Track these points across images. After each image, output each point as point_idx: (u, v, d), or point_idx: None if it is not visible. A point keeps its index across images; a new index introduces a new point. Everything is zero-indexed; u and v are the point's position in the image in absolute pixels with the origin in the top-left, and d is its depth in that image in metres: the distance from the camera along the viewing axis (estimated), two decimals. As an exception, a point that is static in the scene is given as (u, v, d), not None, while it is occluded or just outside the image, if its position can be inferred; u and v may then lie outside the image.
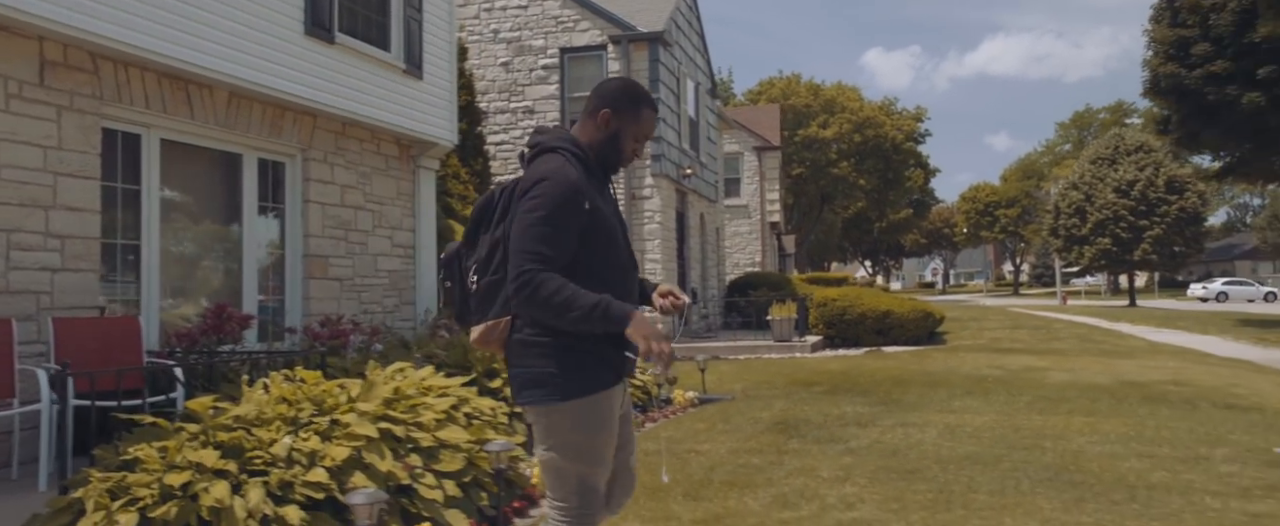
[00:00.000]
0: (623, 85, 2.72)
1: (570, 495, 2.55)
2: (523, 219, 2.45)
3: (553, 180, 2.46)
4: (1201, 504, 4.70)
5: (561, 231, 2.42)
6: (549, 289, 2.37)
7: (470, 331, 2.66)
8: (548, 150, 2.61)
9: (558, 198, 2.43)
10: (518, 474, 5.30)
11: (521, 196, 2.50)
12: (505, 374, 7.09)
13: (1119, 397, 8.67)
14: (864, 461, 5.84)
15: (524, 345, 2.53)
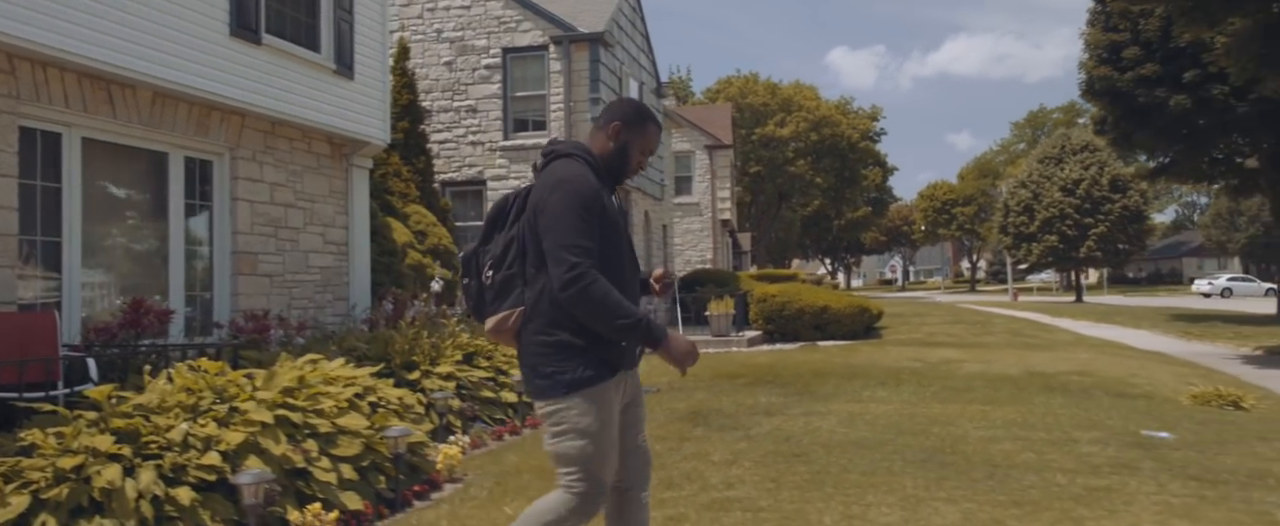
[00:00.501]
0: (633, 104, 3.00)
1: (577, 480, 2.77)
2: (554, 216, 2.64)
3: (575, 182, 2.68)
4: (1052, 480, 5.08)
5: (589, 225, 2.64)
6: (601, 290, 2.59)
7: (486, 322, 2.87)
8: (563, 156, 2.84)
9: (582, 196, 2.65)
10: (423, 459, 5.56)
11: (544, 195, 2.70)
12: (424, 366, 7.37)
13: (1021, 387, 9.11)
14: (758, 447, 6.17)
15: (533, 342, 2.76)
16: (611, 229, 2.75)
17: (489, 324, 2.85)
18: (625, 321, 2.60)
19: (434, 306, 8.44)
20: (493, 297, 2.84)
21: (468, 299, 2.99)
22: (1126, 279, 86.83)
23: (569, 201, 2.63)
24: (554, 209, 2.64)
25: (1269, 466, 5.49)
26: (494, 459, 6.13)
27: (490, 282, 2.84)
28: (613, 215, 2.77)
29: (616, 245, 2.77)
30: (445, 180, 16.32)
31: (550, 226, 2.63)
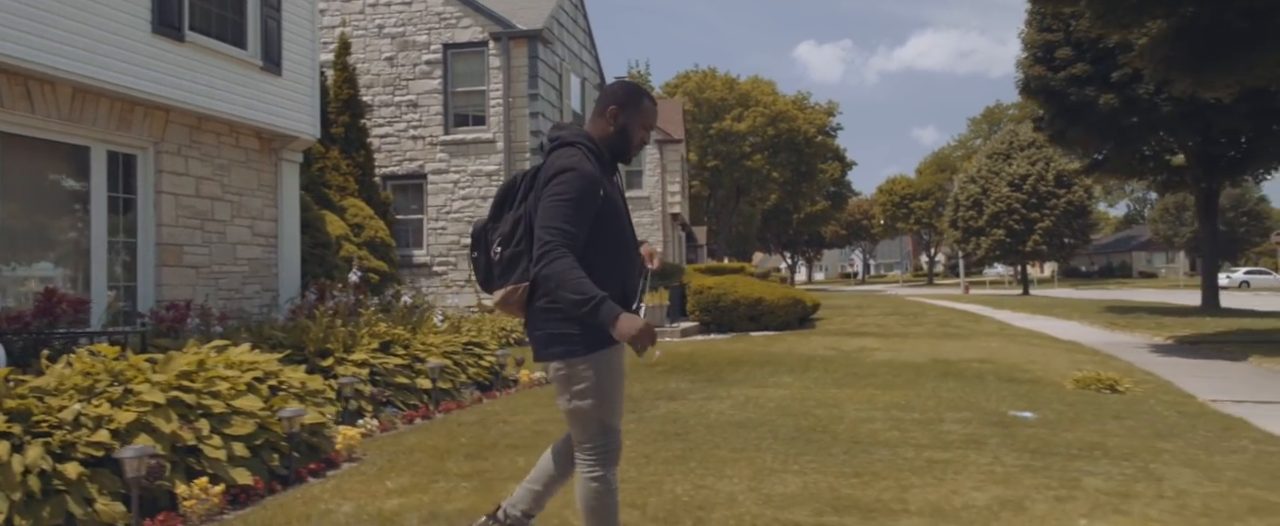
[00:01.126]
0: (626, 85, 3.22)
1: (594, 436, 3.01)
2: (550, 201, 2.87)
3: (577, 171, 2.90)
4: (901, 454, 5.52)
5: (582, 213, 2.87)
6: (562, 266, 2.79)
7: (493, 294, 3.12)
8: (567, 144, 3.05)
9: (580, 186, 2.88)
10: (323, 439, 5.88)
11: (546, 182, 2.93)
12: (338, 354, 7.66)
13: (921, 373, 9.60)
14: (646, 427, 6.56)
15: (543, 311, 2.98)
16: (610, 210, 2.99)
17: (497, 296, 3.10)
18: (579, 297, 2.78)
19: (353, 297, 8.70)
20: (500, 272, 3.08)
21: (476, 272, 3.23)
22: (1079, 273, 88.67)
23: (567, 191, 2.87)
24: (551, 195, 2.89)
25: (1105, 441, 5.99)
26: (397, 440, 6.46)
27: (499, 258, 3.08)
28: (612, 198, 3.01)
29: (617, 225, 3.02)
30: (387, 173, 16.54)
31: (545, 210, 2.88)
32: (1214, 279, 25.21)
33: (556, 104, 17.02)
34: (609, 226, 2.97)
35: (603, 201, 2.94)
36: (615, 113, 3.11)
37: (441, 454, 5.76)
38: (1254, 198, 71.87)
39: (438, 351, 8.78)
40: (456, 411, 7.90)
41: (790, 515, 4.23)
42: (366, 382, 7.46)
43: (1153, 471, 5.15)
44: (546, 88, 16.36)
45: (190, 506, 4.44)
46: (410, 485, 4.95)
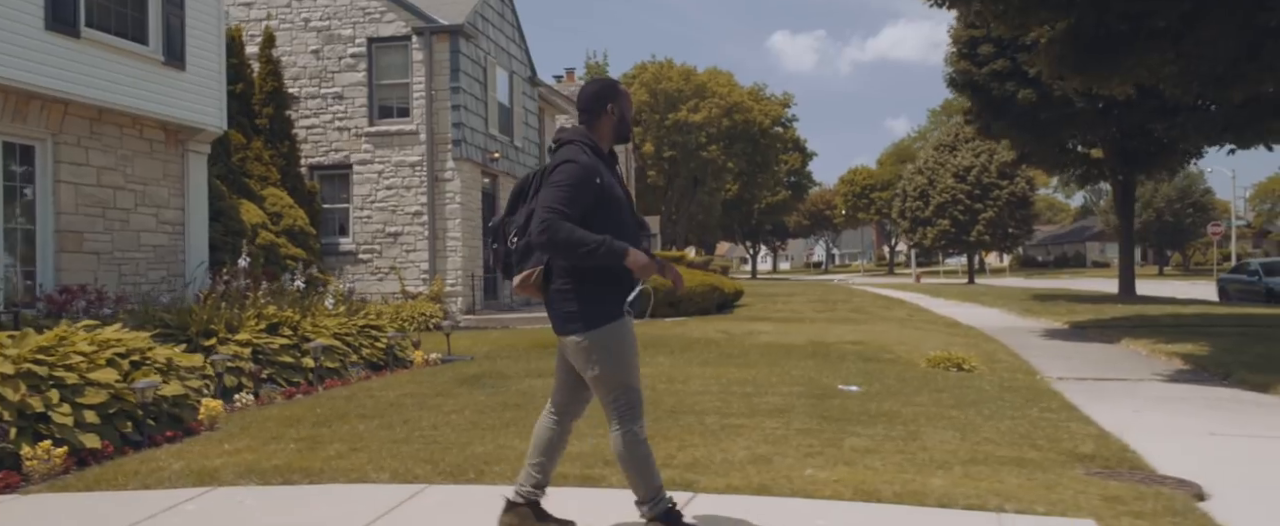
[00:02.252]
0: (604, 82, 3.66)
1: (618, 395, 3.38)
2: (547, 189, 3.25)
3: (573, 162, 3.30)
4: (705, 421, 6.13)
5: (578, 196, 3.23)
6: (563, 231, 3.16)
7: (513, 279, 3.50)
8: (567, 143, 3.46)
9: (576, 174, 3.27)
10: (185, 409, 6.39)
11: (548, 174, 3.33)
12: (222, 334, 8.16)
13: (789, 354, 10.26)
14: (493, 400, 7.14)
15: (557, 293, 3.36)
16: (609, 196, 3.35)
17: (516, 280, 3.48)
18: (590, 247, 3.17)
19: (242, 281, 9.19)
20: (517, 259, 3.46)
21: (496, 261, 3.60)
22: (1035, 262, 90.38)
23: (565, 180, 3.24)
24: (550, 183, 3.27)
25: (903, 409, 6.65)
26: (263, 412, 6.98)
27: (515, 247, 3.46)
28: (609, 185, 3.37)
29: (615, 209, 3.37)
30: (314, 164, 16.96)
31: (541, 197, 3.26)
32: (1130, 268, 26.17)
33: (481, 97, 17.52)
34: (607, 209, 3.33)
35: (600, 187, 3.30)
36: (611, 107, 3.53)
37: (292, 422, 6.31)
38: (1199, 190, 73.71)
39: (327, 333, 9.28)
40: (338, 388, 8.42)
41: (563, 469, 4.82)
42: (248, 361, 7.97)
43: (917, 433, 5.81)
44: (469, 81, 16.85)
45: (32, 466, 4.95)
46: (245, 447, 5.49)
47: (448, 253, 16.51)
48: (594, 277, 3.31)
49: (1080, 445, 5.80)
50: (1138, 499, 4.46)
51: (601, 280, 3.32)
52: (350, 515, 4.10)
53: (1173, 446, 6.28)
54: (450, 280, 16.47)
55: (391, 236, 16.73)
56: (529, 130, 20.60)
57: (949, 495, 4.31)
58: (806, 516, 4.05)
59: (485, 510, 4.17)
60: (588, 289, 3.31)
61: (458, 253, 16.49)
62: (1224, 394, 8.70)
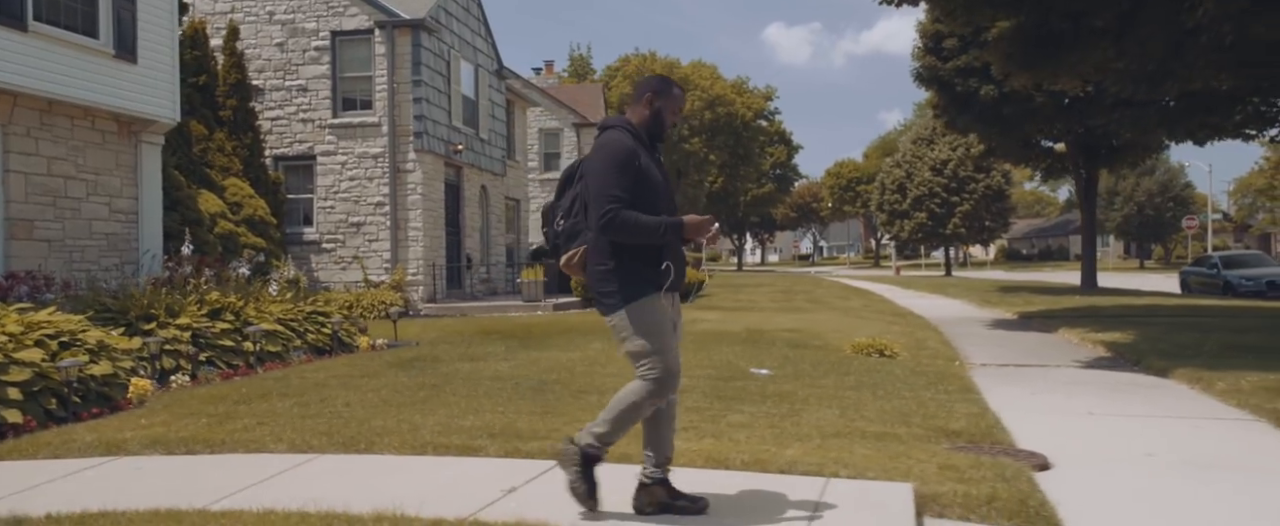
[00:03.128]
0: (659, 78, 3.81)
1: (652, 368, 3.54)
2: (596, 173, 3.48)
3: (612, 146, 3.52)
4: (604, 399, 6.47)
5: (624, 175, 3.45)
6: (628, 218, 3.41)
7: (560, 259, 3.73)
8: (609, 127, 3.68)
9: (617, 157, 3.48)
10: (114, 388, 6.72)
11: (590, 160, 3.56)
12: (162, 318, 8.48)
13: (721, 340, 10.62)
14: (417, 380, 7.49)
15: (595, 274, 3.59)
16: (648, 180, 3.53)
17: (562, 260, 3.72)
18: (651, 227, 3.45)
19: (187, 268, 9.51)
20: (564, 241, 3.69)
21: (547, 242, 3.87)
22: (1020, 256, 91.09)
23: (608, 162, 3.47)
24: (595, 168, 3.50)
25: (797, 391, 7.01)
26: (193, 392, 7.30)
27: (562, 229, 3.70)
28: (648, 168, 3.55)
29: (653, 193, 3.54)
30: (278, 155, 17.25)
31: (591, 182, 3.50)
32: (1093, 261, 26.62)
33: (443, 90, 17.82)
34: (645, 192, 3.51)
35: (640, 169, 3.51)
36: (650, 99, 3.69)
37: (215, 400, 6.65)
38: (1180, 184, 74.37)
39: (271, 318, 9.62)
40: (277, 370, 8.75)
41: (449, 439, 5.18)
42: (186, 344, 8.30)
43: (800, 411, 6.18)
44: (431, 74, 17.15)
45: (-48, 436, 5.29)
46: (159, 422, 5.84)
47: (409, 242, 16.83)
48: (628, 257, 3.53)
49: (953, 423, 6.18)
50: (974, 468, 4.83)
51: (635, 259, 3.53)
52: (237, 479, 4.44)
53: (1046, 424, 6.68)
54: (412, 269, 16.79)
55: (355, 226, 17.05)
56: (495, 122, 20.90)
57: (793, 463, 4.67)
58: (650, 480, 4.41)
59: (364, 475, 4.53)
60: (623, 269, 3.53)
61: (419, 242, 16.81)
62: (1126, 378, 9.10)
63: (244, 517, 3.64)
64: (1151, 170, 76.27)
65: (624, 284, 3.52)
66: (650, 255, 3.54)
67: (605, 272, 3.56)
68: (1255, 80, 12.88)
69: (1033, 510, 4.27)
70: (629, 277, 3.52)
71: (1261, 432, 6.41)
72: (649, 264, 3.53)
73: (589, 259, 3.61)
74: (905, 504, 4.06)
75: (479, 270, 19.65)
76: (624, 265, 3.52)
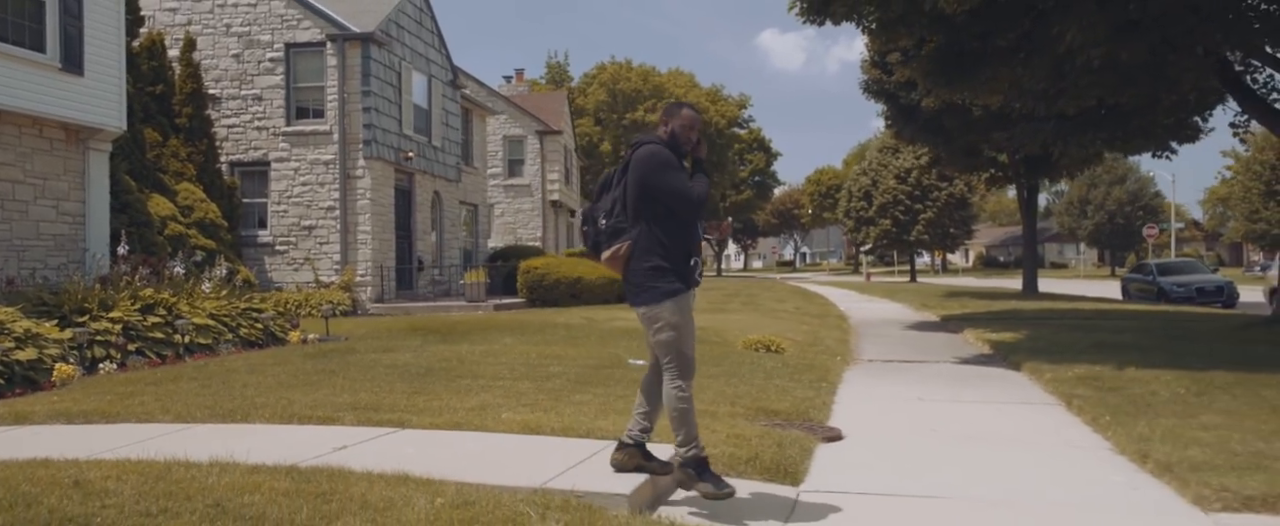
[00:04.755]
0: (670, 104, 4.41)
1: (675, 358, 4.09)
2: (653, 177, 4.02)
3: (656, 154, 4.10)
4: (477, 383, 7.30)
5: (678, 172, 4.08)
6: (701, 191, 4.10)
7: (602, 256, 4.22)
8: (644, 143, 4.21)
9: (663, 159, 4.09)
10: (38, 372, 7.51)
11: (636, 167, 4.07)
12: (96, 312, 9.25)
13: (623, 335, 11.45)
14: (320, 367, 8.29)
15: (638, 270, 4.08)
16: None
17: (604, 256, 4.20)
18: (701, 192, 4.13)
19: (123, 267, 10.29)
20: (606, 239, 4.19)
21: (586, 241, 4.37)
22: (997, 262, 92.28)
23: (657, 166, 4.05)
24: (645, 174, 4.04)
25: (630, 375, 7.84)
26: (117, 378, 8.07)
27: (604, 228, 4.21)
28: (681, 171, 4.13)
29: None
30: (234, 161, 18.04)
31: (662, 186, 4.03)
32: (1034, 268, 27.57)
33: (394, 100, 18.65)
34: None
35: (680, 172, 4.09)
36: (662, 121, 4.32)
37: (131, 383, 7.44)
38: (1149, 193, 75.71)
39: (204, 313, 10.41)
40: (204, 360, 9.53)
41: (316, 411, 5.99)
42: (117, 335, 9.08)
43: (631, 392, 7.00)
44: (381, 85, 17.98)
45: (-117, 408, 6.07)
46: (70, 399, 6.63)
47: (358, 245, 17.62)
48: (671, 255, 4.08)
49: (779, 404, 7.03)
50: (760, 438, 5.67)
51: (676, 257, 4.09)
52: (117, 441, 5.22)
53: (873, 408, 7.54)
54: (361, 271, 17.58)
55: (306, 229, 17.83)
56: (449, 130, 21.71)
57: (594, 429, 5.49)
58: (462, 441, 5.23)
59: (227, 437, 5.32)
60: (666, 266, 4.07)
61: (368, 245, 17.62)
62: (983, 371, 9.98)
63: (103, 464, 4.44)
64: (1122, 179, 77.80)
65: (666, 279, 4.06)
66: (685, 252, 4.12)
67: (649, 268, 4.07)
68: (1138, 99, 13.80)
69: (784, 468, 5.12)
70: (670, 274, 4.06)
71: (1051, 413, 7.29)
72: (681, 264, 4.10)
73: (633, 255, 4.11)
74: (667, 459, 4.89)
75: (431, 272, 20.45)
76: (667, 262, 4.06)
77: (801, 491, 4.81)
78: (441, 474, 4.25)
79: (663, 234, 4.08)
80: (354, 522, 3.50)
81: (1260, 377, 7.95)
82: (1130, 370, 8.71)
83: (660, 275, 4.05)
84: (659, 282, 4.05)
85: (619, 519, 3.80)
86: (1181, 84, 13.16)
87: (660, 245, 4.06)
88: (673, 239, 4.08)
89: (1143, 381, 8.03)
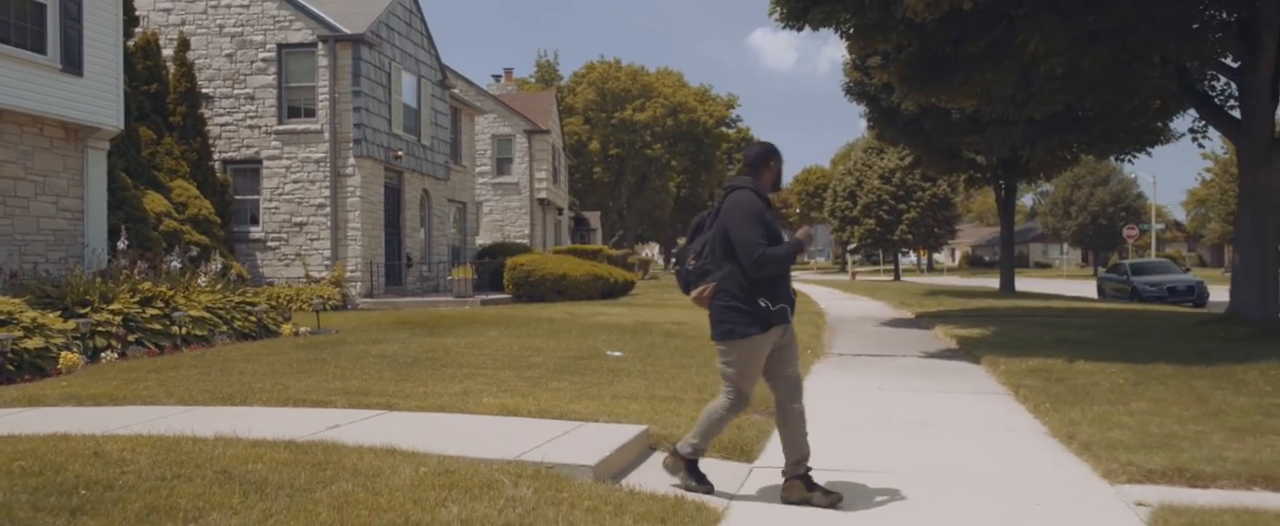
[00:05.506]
0: (766, 145, 4.67)
1: (732, 390, 4.47)
2: (737, 228, 4.29)
3: (747, 204, 4.37)
4: (461, 370, 7.76)
5: (759, 224, 4.31)
6: (766, 253, 4.27)
7: (690, 293, 4.51)
8: (737, 189, 4.50)
9: (752, 213, 4.35)
10: (46, 359, 7.93)
11: (728, 214, 4.37)
12: (97, 303, 9.66)
13: (604, 330, 11.92)
14: (312, 357, 8.73)
15: (718, 308, 4.39)
16: (772, 230, 4.38)
17: (691, 295, 4.53)
18: (788, 252, 4.38)
19: (121, 261, 10.69)
20: (696, 278, 4.50)
21: (679, 279, 4.67)
22: (983, 262, 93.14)
23: (746, 217, 4.32)
24: (737, 224, 4.32)
25: (628, 367, 8.30)
26: (118, 365, 8.50)
27: (694, 268, 4.52)
28: (772, 222, 4.43)
29: (777, 236, 4.41)
30: (227, 158, 18.43)
31: (737, 236, 4.31)
32: (1011, 266, 28.14)
33: (384, 100, 19.07)
34: (772, 238, 4.37)
35: (767, 222, 4.36)
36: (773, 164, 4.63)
37: (133, 371, 7.87)
38: (1132, 194, 76.65)
39: (199, 306, 10.82)
40: (200, 350, 9.96)
41: (309, 395, 6.44)
42: (118, 326, 9.50)
43: (614, 381, 7.46)
44: (371, 85, 18.39)
45: (-97, 391, 6.49)
46: (78, 384, 7.05)
47: (348, 241, 18.04)
48: (748, 298, 4.34)
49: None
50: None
51: (746, 301, 4.34)
52: (126, 421, 5.67)
53: (837, 397, 8.02)
54: (351, 267, 17.99)
55: (297, 226, 18.24)
56: (438, 130, 22.14)
57: (568, 412, 5.96)
58: (445, 422, 5.69)
59: (228, 418, 5.75)
60: (733, 307, 4.37)
61: (357, 242, 18.03)
62: (948, 364, 10.48)
63: (118, 439, 4.89)
64: (1105, 181, 78.74)
65: (738, 322, 4.36)
66: (766, 294, 4.35)
67: (727, 308, 4.39)
68: (1101, 105, 14.36)
69: (741, 447, 5.60)
70: (743, 315, 4.35)
71: (999, 402, 7.78)
72: (763, 303, 4.34)
73: (716, 295, 4.43)
74: (633, 438, 5.36)
75: (419, 268, 20.87)
76: (744, 304, 4.34)
77: (754, 466, 5.29)
78: (426, 448, 4.72)
79: (742, 276, 4.36)
80: (348, 485, 3.96)
81: (1196, 369, 8.48)
82: (1080, 363, 9.22)
83: (735, 315, 4.37)
84: (733, 322, 4.37)
85: (584, 486, 4.27)
86: (1142, 91, 13.70)
87: (740, 287, 4.36)
88: (752, 282, 4.35)
89: (1088, 373, 8.54)
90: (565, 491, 4.10)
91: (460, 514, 3.64)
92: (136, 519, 3.45)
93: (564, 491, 4.09)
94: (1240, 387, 7.50)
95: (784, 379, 4.52)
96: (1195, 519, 3.94)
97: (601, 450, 4.88)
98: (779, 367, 4.50)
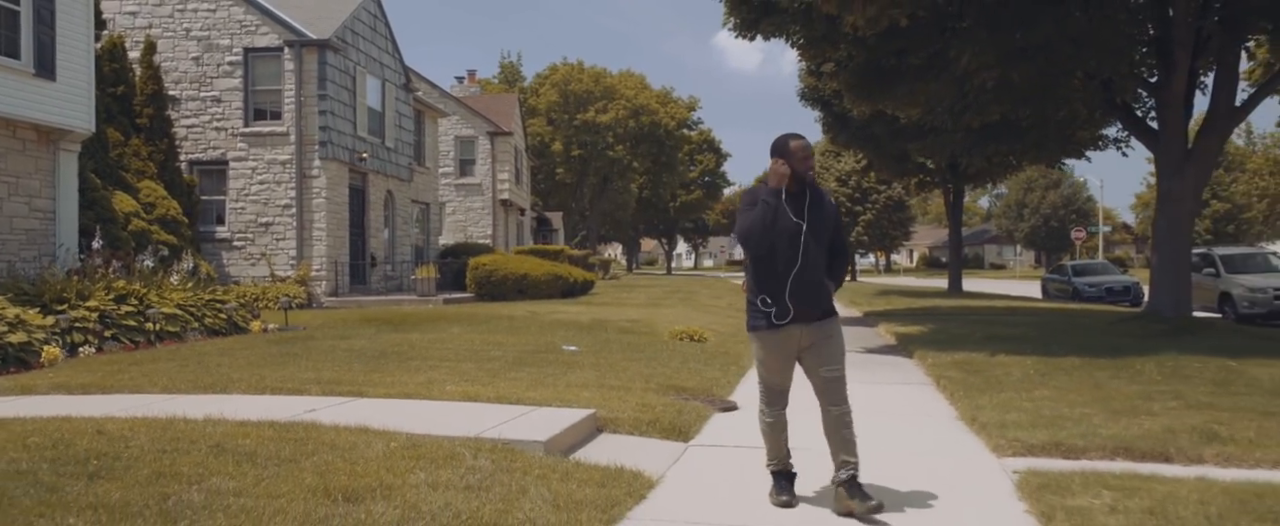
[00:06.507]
0: (777, 139, 4.40)
1: (760, 383, 4.61)
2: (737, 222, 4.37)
3: (743, 201, 4.45)
4: (426, 363, 8.32)
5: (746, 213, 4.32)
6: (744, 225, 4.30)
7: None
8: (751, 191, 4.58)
9: (744, 207, 4.39)
10: (29, 353, 8.36)
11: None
12: (73, 301, 10.09)
13: (561, 327, 12.52)
14: (287, 350, 9.23)
15: (747, 301, 4.52)
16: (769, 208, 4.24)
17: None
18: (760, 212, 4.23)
19: (96, 260, 11.10)
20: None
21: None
22: (939, 263, 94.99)
23: (740, 213, 4.37)
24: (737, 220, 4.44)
25: (582, 361, 8.91)
26: (97, 359, 8.93)
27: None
28: (775, 206, 4.25)
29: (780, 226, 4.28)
30: (193, 160, 18.75)
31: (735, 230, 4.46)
32: (958, 268, 29.22)
33: (349, 103, 19.50)
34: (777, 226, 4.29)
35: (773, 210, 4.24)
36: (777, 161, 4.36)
37: (114, 364, 8.33)
38: (1082, 197, 78.90)
39: (172, 304, 11.25)
40: (173, 346, 10.40)
41: (285, 384, 6.98)
42: (94, 322, 9.92)
43: (569, 372, 8.06)
44: (336, 89, 18.82)
45: (-101, 382, 6.92)
46: (65, 375, 7.52)
47: (314, 241, 18.45)
48: (753, 294, 4.45)
49: (688, 382, 8.13)
50: (664, 407, 6.76)
51: (755, 296, 4.43)
52: (118, 407, 6.17)
53: (772, 387, 8.70)
54: (316, 266, 18.40)
55: (263, 226, 18.61)
56: (402, 132, 22.58)
57: (524, 398, 6.56)
58: (412, 406, 6.27)
59: (211, 404, 6.28)
60: (750, 302, 4.49)
61: (323, 242, 18.45)
62: (884, 358, 11.23)
63: (116, 420, 5.41)
64: (1057, 184, 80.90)
65: (749, 316, 4.54)
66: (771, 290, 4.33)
67: (748, 303, 4.54)
68: (1033, 116, 15.25)
69: (680, 429, 6.24)
70: (758, 312, 4.44)
71: (922, 391, 8.52)
72: (767, 298, 4.35)
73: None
74: (582, 419, 5.99)
75: (383, 267, 21.30)
76: (756, 299, 4.43)
77: (690, 445, 5.94)
78: (396, 428, 5.30)
79: (751, 272, 4.48)
80: (328, 457, 4.54)
81: (1101, 362, 9.29)
82: (1000, 357, 10.01)
83: (752, 310, 4.48)
84: (751, 317, 4.51)
85: (536, 458, 4.89)
86: (1071, 102, 14.60)
87: (748, 283, 4.54)
88: (758, 278, 4.41)
89: (1004, 366, 9.31)
90: (519, 462, 4.71)
91: (427, 479, 4.24)
92: (147, 481, 4.01)
93: (518, 462, 4.71)
94: (1135, 377, 8.30)
95: (816, 379, 4.45)
96: (1050, 480, 4.65)
97: (552, 429, 5.49)
98: (812, 366, 4.43)
